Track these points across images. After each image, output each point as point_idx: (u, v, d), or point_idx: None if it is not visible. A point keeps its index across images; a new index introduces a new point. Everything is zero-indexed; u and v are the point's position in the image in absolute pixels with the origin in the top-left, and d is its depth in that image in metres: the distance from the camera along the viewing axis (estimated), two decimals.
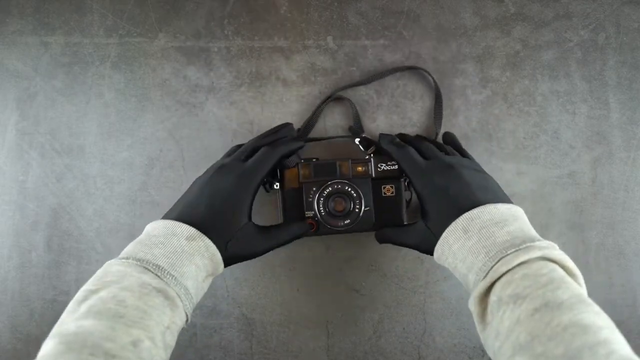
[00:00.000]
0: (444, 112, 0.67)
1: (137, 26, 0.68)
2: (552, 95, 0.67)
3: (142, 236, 0.51)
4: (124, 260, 0.47)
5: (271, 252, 0.65)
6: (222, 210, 0.52)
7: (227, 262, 0.52)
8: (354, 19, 0.68)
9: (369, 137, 0.65)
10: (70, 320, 0.42)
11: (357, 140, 0.64)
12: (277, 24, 0.68)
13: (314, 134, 0.67)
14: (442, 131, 0.66)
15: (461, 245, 0.48)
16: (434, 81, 0.66)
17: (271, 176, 0.64)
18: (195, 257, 0.48)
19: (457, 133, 0.67)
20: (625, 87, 0.67)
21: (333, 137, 0.66)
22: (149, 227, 0.52)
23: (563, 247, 0.65)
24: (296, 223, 0.57)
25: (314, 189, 0.59)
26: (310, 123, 0.65)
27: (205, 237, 0.49)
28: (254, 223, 0.54)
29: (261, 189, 0.65)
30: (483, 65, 0.68)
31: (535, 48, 0.68)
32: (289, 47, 0.68)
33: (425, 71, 0.66)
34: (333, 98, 0.66)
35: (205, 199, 0.52)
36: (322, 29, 0.68)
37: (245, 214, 0.53)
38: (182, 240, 0.48)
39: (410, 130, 0.67)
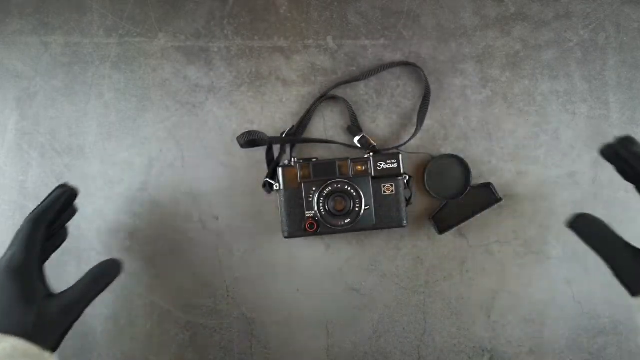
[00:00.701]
0: (444, 112, 0.67)
1: (137, 26, 0.68)
2: (552, 95, 0.67)
3: None
4: None
5: (271, 251, 0.66)
6: (11, 304, 0.48)
7: (54, 345, 0.48)
8: (354, 19, 0.68)
9: (367, 136, 0.65)
10: None
11: (355, 139, 0.64)
12: (277, 24, 0.68)
13: (314, 134, 0.67)
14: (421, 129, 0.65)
15: None
16: (425, 78, 0.65)
17: (271, 177, 0.64)
18: None
19: (457, 133, 0.67)
20: (625, 87, 0.67)
21: (330, 142, 0.66)
22: None
23: (563, 247, 0.66)
24: (88, 277, 0.53)
25: (314, 188, 0.59)
26: (304, 122, 0.66)
27: (11, 337, 0.45)
28: (51, 298, 0.50)
29: (262, 190, 0.66)
30: (483, 65, 0.68)
31: (535, 48, 0.68)
32: (289, 47, 0.68)
33: (418, 67, 0.66)
34: (327, 97, 0.66)
35: None
36: (322, 29, 0.68)
37: (32, 296, 0.49)
38: None
39: (410, 131, 0.67)
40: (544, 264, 0.66)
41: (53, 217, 0.54)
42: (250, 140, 0.61)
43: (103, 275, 0.53)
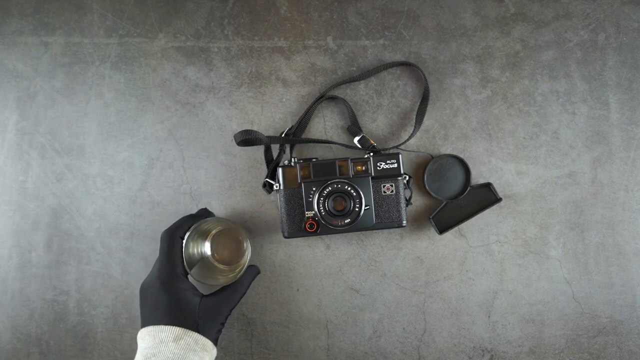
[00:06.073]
0: (444, 112, 0.67)
1: (137, 26, 0.68)
2: (552, 95, 0.67)
3: (137, 354, 0.53)
4: None
5: (270, 251, 0.66)
6: (172, 309, 0.53)
7: (216, 339, 0.55)
8: (354, 19, 0.68)
9: (367, 136, 0.65)
10: None
11: (355, 139, 0.64)
12: (277, 24, 0.68)
13: (314, 134, 0.67)
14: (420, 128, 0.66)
15: None
16: (425, 78, 0.66)
17: (271, 177, 0.64)
18: (189, 356, 0.51)
19: (457, 133, 0.67)
20: (625, 87, 0.67)
21: (330, 142, 0.66)
22: (140, 340, 0.54)
23: (563, 247, 0.66)
24: (245, 277, 0.59)
25: (314, 188, 0.59)
26: (303, 122, 0.65)
27: (193, 332, 0.52)
28: (205, 300, 0.56)
29: (262, 190, 0.66)
30: (483, 65, 0.68)
31: (535, 48, 0.68)
32: (289, 47, 0.68)
33: (417, 67, 0.66)
34: (327, 97, 0.66)
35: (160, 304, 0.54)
36: (322, 29, 0.68)
37: (187, 301, 0.54)
38: (170, 344, 0.51)
39: (410, 131, 0.67)
40: (544, 264, 0.66)
41: (188, 232, 0.58)
42: (246, 139, 0.61)
43: (246, 279, 0.59)
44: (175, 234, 0.57)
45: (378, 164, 0.60)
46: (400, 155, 0.61)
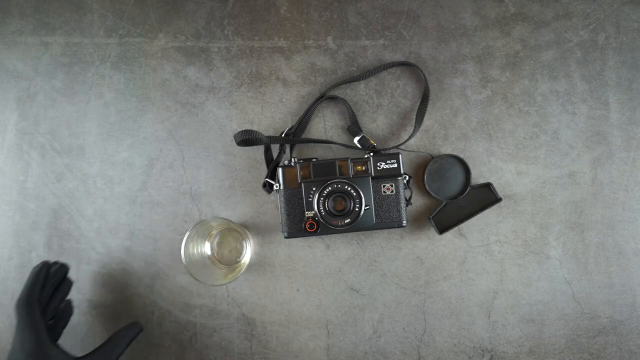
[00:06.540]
0: (444, 112, 0.67)
1: (137, 26, 0.68)
2: (552, 95, 0.67)
3: None
4: None
5: (270, 251, 0.66)
6: None
7: None
8: (354, 19, 0.68)
9: (367, 136, 0.65)
10: None
11: (355, 139, 0.64)
12: (277, 24, 0.68)
13: (314, 134, 0.67)
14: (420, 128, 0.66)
15: None
16: (425, 78, 0.66)
17: (271, 177, 0.64)
18: None
19: (457, 133, 0.67)
20: (625, 87, 0.67)
21: (330, 142, 0.66)
22: None
23: (563, 247, 0.66)
24: (123, 335, 0.57)
25: (314, 188, 0.59)
26: (303, 122, 0.65)
27: None
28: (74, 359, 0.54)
29: (262, 190, 0.66)
30: (483, 65, 0.68)
31: (535, 48, 0.68)
32: (289, 47, 0.68)
33: (417, 67, 0.66)
34: (327, 97, 0.66)
35: None
36: (322, 29, 0.68)
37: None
38: None
39: (410, 131, 0.67)
40: (544, 264, 0.66)
41: (43, 293, 0.56)
42: (246, 139, 0.61)
43: (124, 337, 0.57)
44: (29, 300, 0.55)
45: (378, 164, 0.60)
46: (400, 155, 0.61)
